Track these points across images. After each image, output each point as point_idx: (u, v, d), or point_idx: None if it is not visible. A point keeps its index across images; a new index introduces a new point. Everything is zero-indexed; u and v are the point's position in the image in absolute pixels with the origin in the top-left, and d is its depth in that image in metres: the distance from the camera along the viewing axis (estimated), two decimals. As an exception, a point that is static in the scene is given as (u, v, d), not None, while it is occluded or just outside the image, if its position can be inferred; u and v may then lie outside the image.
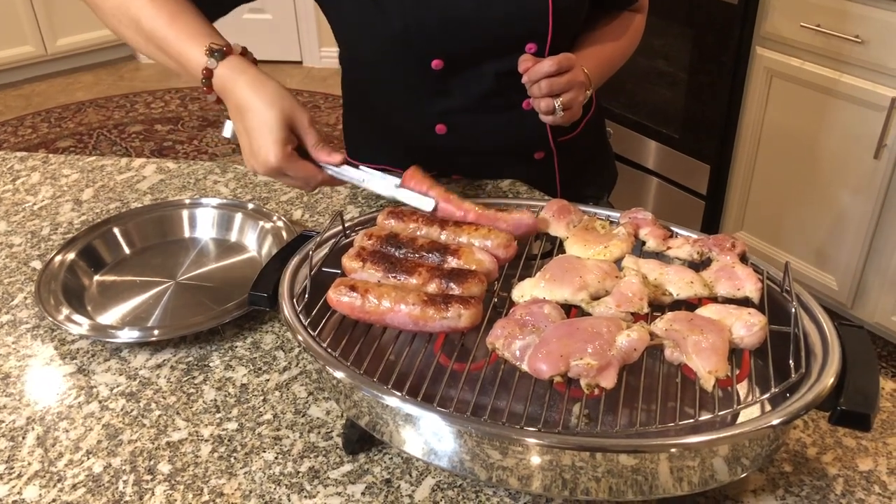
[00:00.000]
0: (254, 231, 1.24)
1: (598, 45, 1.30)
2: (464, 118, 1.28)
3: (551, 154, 1.35)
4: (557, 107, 1.12)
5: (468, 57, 1.21)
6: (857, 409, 0.76)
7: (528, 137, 1.33)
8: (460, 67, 1.22)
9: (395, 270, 0.89)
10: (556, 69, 1.11)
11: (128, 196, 1.41)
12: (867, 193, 2.35)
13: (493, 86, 1.24)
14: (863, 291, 2.50)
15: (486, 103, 1.26)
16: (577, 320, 0.82)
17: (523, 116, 1.27)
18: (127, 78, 4.71)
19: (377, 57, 1.26)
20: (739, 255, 0.94)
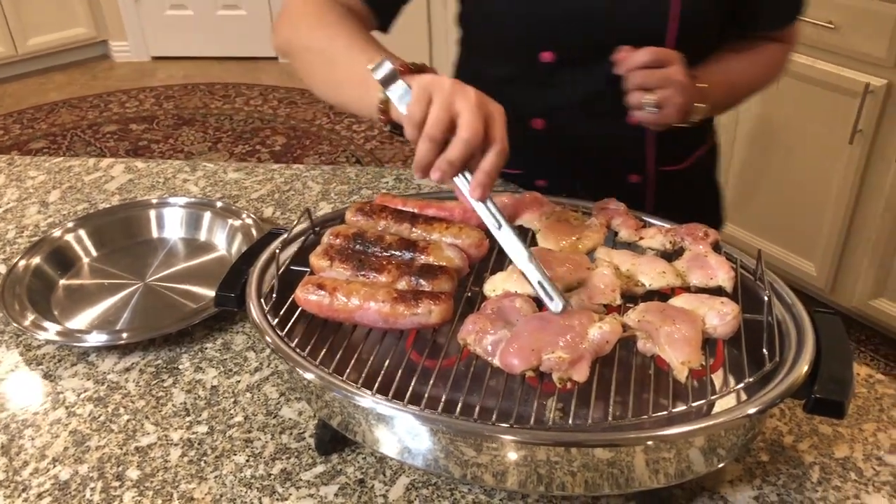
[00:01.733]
0: (223, 229, 1.22)
1: (723, 63, 1.18)
2: (564, 117, 1.19)
3: (647, 181, 1.23)
4: (647, 101, 1.02)
5: (580, 53, 1.12)
6: (831, 397, 0.76)
7: (626, 154, 1.22)
8: (571, 63, 1.13)
9: (364, 268, 0.88)
10: (651, 59, 1.01)
11: (96, 197, 1.38)
12: (843, 179, 2.35)
13: (601, 88, 1.13)
14: (841, 277, 2.51)
15: (590, 106, 1.16)
16: (549, 314, 0.81)
17: (626, 130, 1.14)
18: (101, 77, 4.66)
19: (489, 41, 1.19)
20: (712, 244, 0.93)
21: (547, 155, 1.23)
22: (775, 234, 2.63)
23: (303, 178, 1.42)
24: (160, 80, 4.59)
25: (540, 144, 1.21)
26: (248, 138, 3.94)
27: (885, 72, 2.17)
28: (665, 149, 1.19)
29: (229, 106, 4.27)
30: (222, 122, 4.10)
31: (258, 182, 1.41)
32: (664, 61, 1.01)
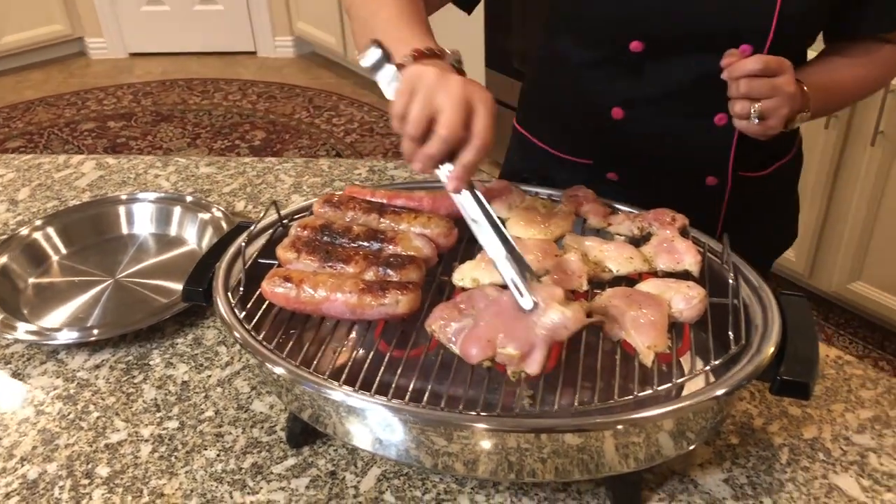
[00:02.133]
0: (193, 224, 1.21)
1: (828, 66, 1.12)
2: (646, 110, 1.13)
3: (724, 186, 1.17)
4: (753, 112, 0.96)
5: (672, 45, 1.06)
6: (797, 378, 0.76)
7: (706, 155, 1.15)
8: (661, 54, 1.08)
9: (332, 259, 0.87)
10: (760, 68, 0.95)
11: (66, 194, 1.37)
12: (819, 163, 2.37)
13: (689, 84, 1.08)
14: (820, 261, 2.52)
15: (674, 101, 1.11)
16: (504, 299, 0.80)
17: (710, 130, 1.11)
18: (77, 75, 4.61)
19: (579, 25, 1.14)
20: (679, 229, 0.93)
21: (622, 147, 1.17)
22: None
23: (275, 171, 1.42)
24: (137, 77, 4.55)
25: (616, 135, 1.16)
26: (228, 133, 3.92)
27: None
28: (747, 154, 1.13)
29: (208, 101, 4.24)
30: (201, 118, 4.08)
31: (230, 176, 1.40)
32: (775, 70, 0.96)
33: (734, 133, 1.09)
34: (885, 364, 2.44)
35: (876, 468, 0.85)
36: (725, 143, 1.09)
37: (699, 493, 0.83)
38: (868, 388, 0.95)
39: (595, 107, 1.15)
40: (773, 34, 1.01)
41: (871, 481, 0.84)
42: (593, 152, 1.16)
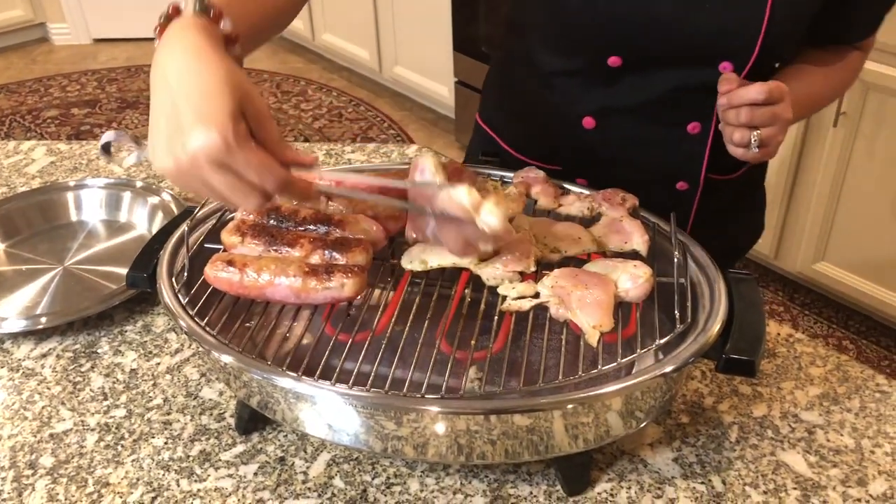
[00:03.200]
0: (143, 209, 1.19)
1: (804, 78, 1.10)
2: (619, 120, 1.11)
3: (696, 189, 1.16)
4: (754, 141, 0.95)
5: (651, 60, 1.04)
6: (742, 356, 0.76)
7: (679, 162, 1.14)
8: (639, 68, 1.06)
9: (277, 243, 0.86)
10: (763, 98, 0.93)
11: (15, 181, 1.34)
12: (783, 147, 2.38)
13: (665, 95, 1.07)
14: (785, 243, 2.54)
15: (649, 111, 1.09)
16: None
17: (683, 138, 1.10)
18: (40, 61, 4.53)
19: (555, 35, 1.10)
20: (629, 209, 0.93)
21: (593, 155, 1.15)
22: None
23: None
24: (102, 63, 4.48)
25: (586, 143, 1.13)
26: (194, 120, 3.87)
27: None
28: (719, 160, 1.12)
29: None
30: (167, 105, 4.02)
31: (184, 161, 1.38)
32: (776, 98, 0.94)
33: (707, 141, 1.07)
34: (848, 343, 2.47)
35: (823, 444, 0.85)
36: (699, 151, 1.08)
37: (648, 472, 0.83)
38: (818, 365, 0.95)
39: (566, 115, 1.13)
40: (757, 53, 0.99)
41: (817, 457, 0.84)
42: (562, 158, 1.14)
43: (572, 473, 0.84)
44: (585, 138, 1.12)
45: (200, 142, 0.64)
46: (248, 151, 0.66)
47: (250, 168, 0.66)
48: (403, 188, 0.85)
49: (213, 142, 0.63)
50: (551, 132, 1.17)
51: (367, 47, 3.88)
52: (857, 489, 0.81)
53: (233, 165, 0.65)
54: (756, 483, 0.81)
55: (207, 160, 0.64)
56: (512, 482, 0.83)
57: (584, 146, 1.12)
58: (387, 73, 3.87)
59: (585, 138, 1.12)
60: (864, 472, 0.82)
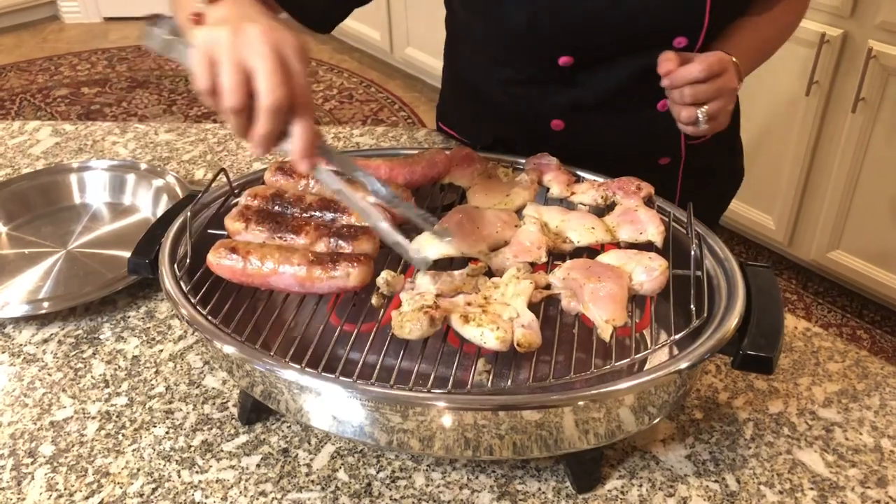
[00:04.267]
0: (147, 192, 1.17)
1: (751, 29, 1.07)
2: (586, 116, 1.10)
3: (679, 160, 1.16)
4: (701, 118, 0.94)
5: (602, 53, 1.03)
6: (760, 353, 0.74)
7: (657, 141, 1.14)
8: (591, 63, 1.04)
9: (282, 230, 0.84)
10: (705, 75, 0.91)
11: (19, 162, 1.32)
12: (800, 131, 2.34)
13: (626, 83, 1.05)
14: (799, 230, 2.50)
15: (614, 102, 1.08)
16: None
17: (655, 118, 1.08)
18: (51, 40, 4.51)
19: (497, 47, 1.08)
20: (645, 198, 0.90)
21: (567, 152, 1.11)
22: (734, 187, 2.62)
23: (236, 139, 1.37)
24: (112, 42, 4.46)
25: (560, 143, 1.10)
26: (204, 100, 3.85)
27: (842, 21, 2.14)
28: None
29: (184, 67, 4.15)
30: (177, 84, 4.00)
31: (190, 143, 1.36)
32: (717, 71, 0.92)
33: None
34: (862, 333, 2.43)
35: (841, 443, 0.83)
36: (673, 125, 1.04)
37: (660, 469, 0.81)
38: (836, 360, 0.92)
39: (533, 121, 1.11)
40: (707, 25, 0.98)
41: (835, 456, 0.82)
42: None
43: (582, 470, 0.81)
44: (557, 139, 1.10)
45: (284, 33, 0.68)
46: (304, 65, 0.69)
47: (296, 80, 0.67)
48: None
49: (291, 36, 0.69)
50: (521, 137, 1.14)
51: (378, 28, 3.84)
52: (877, 490, 0.78)
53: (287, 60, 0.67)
54: (771, 482, 0.79)
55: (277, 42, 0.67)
56: (520, 478, 0.81)
57: (558, 145, 1.08)
58: (398, 54, 3.82)
59: (557, 139, 1.10)
60: (884, 473, 0.80)
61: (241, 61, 0.66)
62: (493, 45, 1.09)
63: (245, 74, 0.66)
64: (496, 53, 1.10)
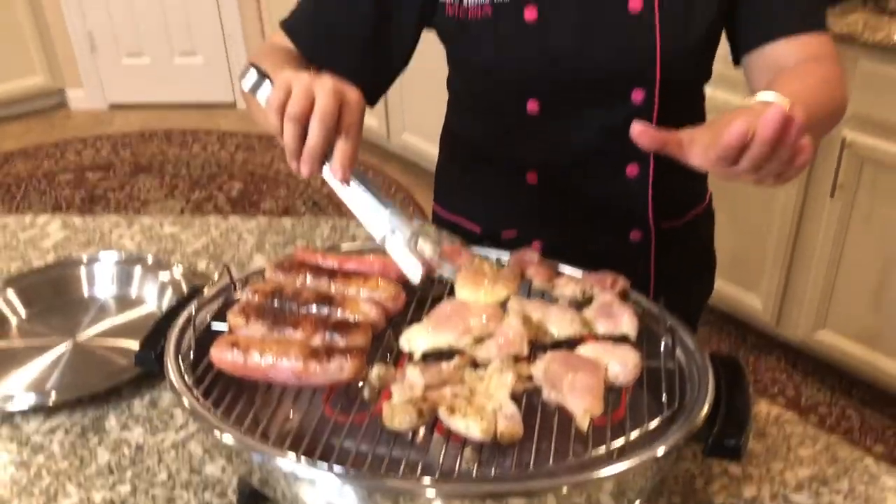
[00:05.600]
0: (154, 284, 1.23)
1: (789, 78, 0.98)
2: (559, 172, 1.16)
3: (649, 239, 1.20)
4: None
5: (568, 101, 1.09)
6: (728, 440, 0.79)
7: (625, 209, 1.17)
8: (559, 113, 1.11)
9: (280, 324, 0.89)
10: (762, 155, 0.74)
11: (30, 254, 1.39)
12: (782, 214, 2.42)
13: (594, 141, 1.11)
14: (786, 311, 2.56)
15: (583, 159, 1.14)
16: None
17: (624, 183, 1.13)
18: (58, 126, 4.65)
19: (472, 91, 1.20)
20: (620, 292, 0.96)
21: (543, 212, 1.20)
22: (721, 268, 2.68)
23: (238, 231, 1.44)
24: (117, 128, 4.60)
25: (534, 201, 1.19)
26: (205, 184, 3.95)
27: (816, 111, 2.25)
28: (664, 201, 1.17)
29: (186, 152, 4.28)
30: (179, 169, 4.11)
31: (193, 235, 1.43)
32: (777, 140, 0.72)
33: (648, 182, 1.13)
34: (851, 411, 2.47)
35: (812, 526, 0.87)
36: (641, 194, 1.12)
37: (640, 553, 0.85)
38: (807, 446, 0.97)
39: (510, 175, 1.19)
40: (661, 76, 1.04)
41: (807, 540, 0.85)
42: (518, 221, 1.20)
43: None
44: (533, 196, 1.19)
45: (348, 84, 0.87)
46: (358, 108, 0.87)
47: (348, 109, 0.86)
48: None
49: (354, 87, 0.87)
50: (501, 195, 1.23)
51: (376, 115, 3.97)
52: (846, 573, 0.82)
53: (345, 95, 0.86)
54: (746, 565, 0.83)
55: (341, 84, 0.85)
56: (506, 562, 0.84)
57: (534, 204, 1.19)
58: (395, 139, 3.95)
59: (533, 196, 1.19)
60: (853, 556, 0.84)
61: (310, 88, 0.84)
62: (470, 91, 1.21)
63: (311, 98, 0.83)
64: (475, 99, 1.21)
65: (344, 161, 0.86)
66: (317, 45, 1.16)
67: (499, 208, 1.25)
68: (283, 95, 0.84)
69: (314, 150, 0.85)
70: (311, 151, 0.85)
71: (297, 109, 0.83)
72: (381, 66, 1.19)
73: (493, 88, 1.15)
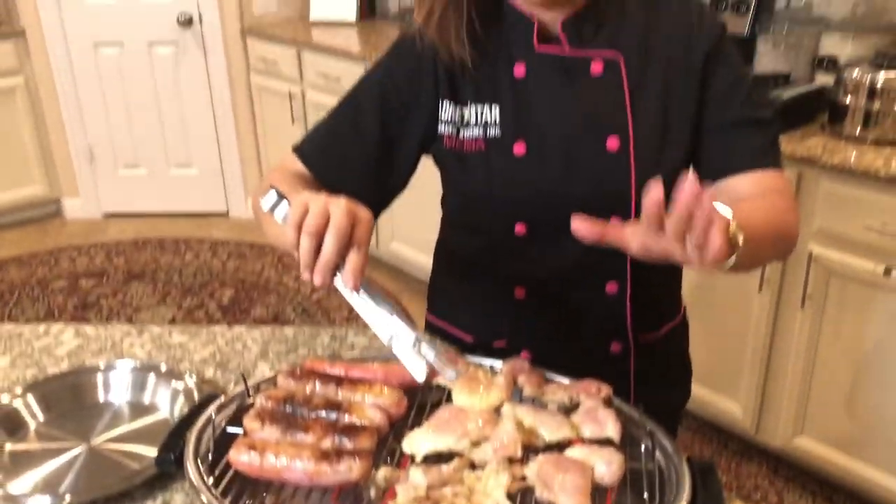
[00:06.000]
0: (166, 391, 1.30)
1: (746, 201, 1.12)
2: (545, 288, 1.27)
3: (628, 351, 1.30)
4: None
5: (552, 225, 1.17)
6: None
7: (606, 323, 1.28)
8: (544, 236, 1.22)
9: (293, 428, 0.97)
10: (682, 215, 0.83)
11: (45, 361, 1.46)
12: (756, 324, 2.53)
13: (577, 260, 1.21)
14: (764, 418, 2.64)
15: (567, 277, 1.25)
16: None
17: (604, 299, 1.24)
18: (52, 234, 4.75)
19: (465, 212, 1.31)
20: (604, 399, 1.05)
21: (530, 325, 1.31)
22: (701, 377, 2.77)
23: (243, 339, 1.52)
24: (111, 236, 4.70)
25: (523, 314, 1.30)
26: (197, 292, 4.04)
27: (784, 227, 2.39)
28: (642, 317, 1.27)
29: (179, 260, 4.38)
30: (171, 276, 4.20)
31: (201, 344, 1.51)
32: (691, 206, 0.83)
33: (626, 299, 1.24)
34: (833, 518, 2.51)
35: None
36: (620, 310, 1.23)
37: None
38: (781, 544, 1.04)
39: (499, 289, 1.30)
40: (635, 204, 1.16)
41: None
42: (507, 332, 1.30)
43: None
44: (521, 309, 1.29)
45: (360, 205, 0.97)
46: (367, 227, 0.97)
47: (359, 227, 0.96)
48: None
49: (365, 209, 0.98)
50: (492, 308, 1.34)
51: (365, 225, 4.10)
52: None
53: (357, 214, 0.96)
54: None
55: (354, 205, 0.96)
56: None
57: (522, 317, 1.29)
58: (384, 248, 4.08)
59: (521, 309, 1.29)
60: None
61: (326, 207, 0.94)
62: (463, 212, 1.32)
63: (327, 216, 0.93)
64: (468, 219, 1.32)
65: (355, 272, 0.95)
66: (328, 168, 1.29)
67: (489, 320, 1.35)
68: (301, 213, 0.94)
69: (328, 262, 0.94)
70: (325, 263, 0.94)
71: (313, 225, 0.93)
72: (383, 188, 1.31)
73: (484, 211, 1.27)
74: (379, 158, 1.28)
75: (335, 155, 1.29)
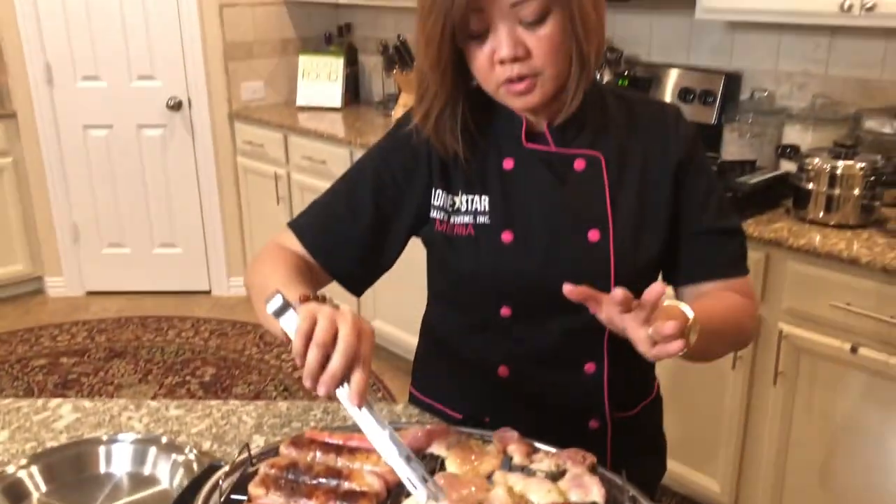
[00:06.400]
0: (166, 463, 1.34)
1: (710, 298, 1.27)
2: (526, 367, 1.34)
3: (606, 427, 1.36)
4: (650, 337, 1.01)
5: (535, 308, 1.27)
6: None
7: (584, 402, 1.35)
8: (528, 318, 1.29)
9: (296, 495, 1.03)
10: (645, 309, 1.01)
11: (44, 436, 1.50)
12: (731, 402, 2.60)
13: (558, 341, 1.30)
14: (743, 494, 2.68)
15: (548, 358, 1.32)
16: None
17: (583, 379, 1.32)
18: (33, 312, 4.76)
19: (452, 292, 1.38)
20: (589, 466, 1.11)
21: (513, 402, 1.37)
22: (679, 453, 2.83)
23: (238, 413, 1.57)
24: (93, 314, 4.72)
25: (505, 392, 1.36)
26: (179, 370, 4.05)
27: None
28: (618, 396, 1.35)
29: (161, 338, 4.40)
30: (153, 354, 4.21)
31: (197, 417, 1.56)
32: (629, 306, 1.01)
33: (603, 379, 1.32)
34: None
35: None
36: (598, 389, 1.32)
37: None
38: None
39: (483, 367, 1.38)
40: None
41: None
42: (491, 409, 1.37)
43: None
44: (505, 387, 1.36)
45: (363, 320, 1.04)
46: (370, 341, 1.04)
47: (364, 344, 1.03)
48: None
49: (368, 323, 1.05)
50: (476, 385, 1.41)
51: (348, 303, 4.16)
52: None
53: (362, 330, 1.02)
54: None
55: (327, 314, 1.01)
56: None
57: (505, 395, 1.36)
58: (365, 327, 4.12)
59: (505, 387, 1.36)
60: None
61: (334, 320, 1.00)
62: (450, 291, 1.39)
63: (335, 329, 0.99)
64: (454, 298, 1.39)
65: (360, 390, 1.01)
66: (322, 246, 1.37)
67: (474, 397, 1.42)
68: (310, 324, 1.00)
69: (335, 376, 0.99)
70: (331, 377, 0.99)
71: (322, 338, 0.98)
72: (372, 266, 1.40)
73: (471, 293, 1.35)
74: (371, 239, 1.37)
75: (330, 233, 1.38)
